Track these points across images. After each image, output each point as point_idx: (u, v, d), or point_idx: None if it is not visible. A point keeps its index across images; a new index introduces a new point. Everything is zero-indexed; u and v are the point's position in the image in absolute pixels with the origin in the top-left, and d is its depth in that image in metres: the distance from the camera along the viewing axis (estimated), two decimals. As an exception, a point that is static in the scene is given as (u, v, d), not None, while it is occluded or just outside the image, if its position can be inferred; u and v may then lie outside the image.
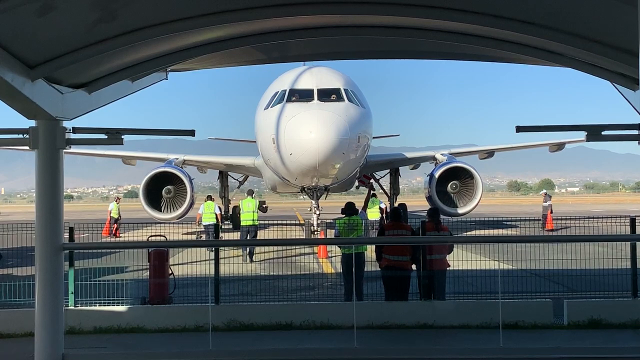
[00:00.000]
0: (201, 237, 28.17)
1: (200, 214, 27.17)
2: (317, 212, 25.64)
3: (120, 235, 32.53)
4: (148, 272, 12.90)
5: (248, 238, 23.30)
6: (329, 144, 21.75)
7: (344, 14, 6.47)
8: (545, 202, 34.58)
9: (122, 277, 13.80)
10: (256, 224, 23.56)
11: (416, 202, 46.89)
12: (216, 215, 26.64)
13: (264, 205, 28.32)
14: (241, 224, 23.88)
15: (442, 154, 35.47)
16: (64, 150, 7.41)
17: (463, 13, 6.20)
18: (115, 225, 32.72)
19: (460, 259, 13.35)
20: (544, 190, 33.34)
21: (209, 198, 27.92)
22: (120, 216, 34.57)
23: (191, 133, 8.28)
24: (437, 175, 31.65)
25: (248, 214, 23.47)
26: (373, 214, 29.04)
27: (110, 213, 34.68)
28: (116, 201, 36.26)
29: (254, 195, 25.36)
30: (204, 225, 26.54)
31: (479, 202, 31.93)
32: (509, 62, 8.53)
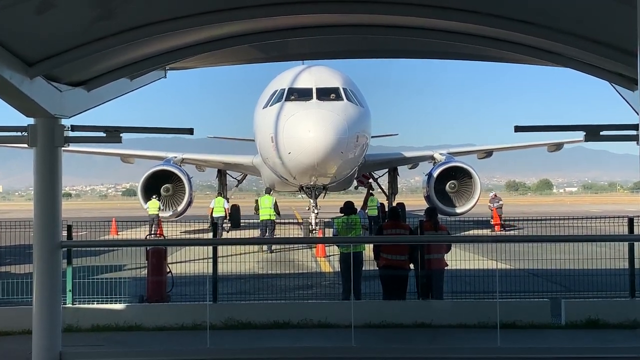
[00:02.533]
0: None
1: (212, 208, 30.68)
2: (316, 211, 25.67)
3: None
4: (146, 270, 12.90)
5: (267, 232, 25.09)
6: (327, 142, 21.76)
7: (343, 13, 6.47)
8: (499, 201, 33.54)
9: (120, 275, 13.80)
10: (273, 218, 25.53)
11: (414, 202, 46.90)
12: (225, 209, 30.55)
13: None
14: (260, 219, 25.92)
15: (440, 154, 35.51)
16: (63, 148, 7.40)
17: (462, 12, 6.20)
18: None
19: (458, 259, 13.35)
20: (494, 192, 32.07)
21: (219, 194, 32.93)
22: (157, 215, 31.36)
23: (190, 131, 8.27)
24: (435, 174, 31.68)
25: (265, 210, 25.50)
26: (372, 211, 32.00)
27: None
28: (158, 199, 31.97)
29: (271, 193, 27.14)
30: (215, 218, 29.35)
31: (477, 201, 31.96)
32: (508, 62, 8.53)
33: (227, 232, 32.94)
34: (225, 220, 31.90)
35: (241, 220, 36.26)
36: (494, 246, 13.63)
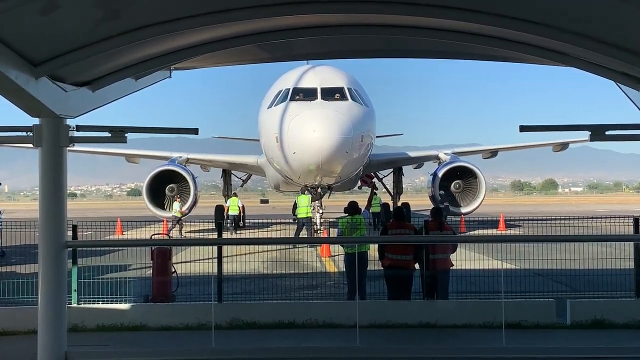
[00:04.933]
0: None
1: (227, 206, 33.60)
2: (320, 211, 25.67)
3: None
4: (151, 270, 12.92)
5: (305, 229, 26.44)
6: (332, 142, 21.76)
7: (349, 12, 6.46)
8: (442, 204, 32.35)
9: (125, 275, 13.83)
10: (309, 216, 26.49)
11: (419, 202, 46.85)
12: (239, 208, 33.22)
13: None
14: (298, 217, 27.70)
15: (445, 154, 35.50)
16: (68, 148, 7.41)
17: (467, 12, 6.19)
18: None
19: (463, 259, 13.35)
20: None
21: (234, 195, 35.06)
22: (181, 217, 31.14)
23: (195, 131, 8.27)
24: (440, 174, 31.67)
25: (303, 209, 27.01)
26: (375, 208, 33.86)
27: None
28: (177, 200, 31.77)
29: (306, 192, 27.77)
30: (231, 216, 32.78)
31: (482, 201, 31.94)
32: (513, 61, 8.50)
33: (242, 229, 33.35)
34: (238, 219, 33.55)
35: (246, 220, 36.34)
36: (499, 246, 13.62)
